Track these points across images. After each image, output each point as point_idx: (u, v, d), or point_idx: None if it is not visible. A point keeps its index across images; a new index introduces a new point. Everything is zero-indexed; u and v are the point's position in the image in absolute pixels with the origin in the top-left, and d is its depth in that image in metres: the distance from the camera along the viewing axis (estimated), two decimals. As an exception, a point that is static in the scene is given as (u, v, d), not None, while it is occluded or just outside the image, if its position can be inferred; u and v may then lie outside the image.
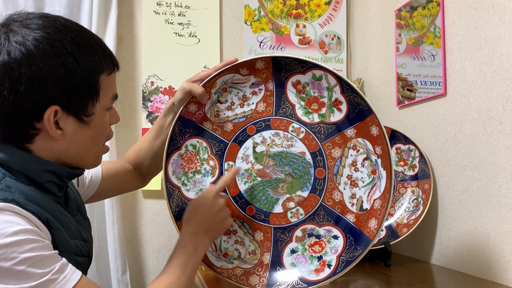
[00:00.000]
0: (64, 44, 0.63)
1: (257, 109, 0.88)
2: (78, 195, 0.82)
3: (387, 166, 0.80)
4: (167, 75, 1.63)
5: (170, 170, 0.86)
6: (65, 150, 0.68)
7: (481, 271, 1.06)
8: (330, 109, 0.85)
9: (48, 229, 0.62)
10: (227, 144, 0.88)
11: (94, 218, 1.52)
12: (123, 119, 1.57)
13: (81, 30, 0.67)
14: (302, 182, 0.86)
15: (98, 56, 0.67)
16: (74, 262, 0.67)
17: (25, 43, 0.61)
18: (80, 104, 0.66)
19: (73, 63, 0.63)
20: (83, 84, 0.65)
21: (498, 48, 1.03)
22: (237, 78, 0.87)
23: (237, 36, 1.71)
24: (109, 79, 0.70)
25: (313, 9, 1.76)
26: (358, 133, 0.84)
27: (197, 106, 0.87)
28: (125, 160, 0.99)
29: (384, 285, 1.05)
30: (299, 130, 0.86)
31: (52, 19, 0.65)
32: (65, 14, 1.48)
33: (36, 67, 0.61)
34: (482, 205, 1.07)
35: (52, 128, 0.64)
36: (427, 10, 1.29)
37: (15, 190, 0.61)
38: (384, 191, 0.81)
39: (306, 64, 0.84)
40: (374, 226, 0.81)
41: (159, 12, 1.64)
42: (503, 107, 1.01)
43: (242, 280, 0.84)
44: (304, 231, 0.86)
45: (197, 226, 0.77)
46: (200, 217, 0.77)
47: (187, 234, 0.76)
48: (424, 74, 1.31)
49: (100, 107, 0.69)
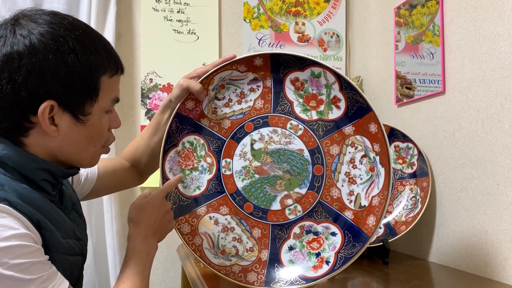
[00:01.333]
0: (67, 41, 0.63)
1: (255, 106, 0.88)
2: (73, 192, 0.81)
3: (385, 163, 0.80)
4: (166, 72, 1.63)
5: (167, 167, 0.86)
6: (59, 148, 0.67)
7: (479, 269, 1.06)
8: (329, 106, 0.85)
9: (39, 231, 0.61)
10: (225, 141, 0.88)
11: (93, 215, 1.52)
12: (121, 116, 1.56)
13: (88, 30, 0.67)
14: (300, 179, 0.86)
15: (101, 57, 0.67)
16: (67, 262, 0.66)
17: (30, 36, 0.62)
18: (77, 102, 0.65)
19: (74, 60, 0.63)
20: (82, 82, 0.65)
21: (497, 46, 1.03)
22: (235, 75, 0.87)
23: (236, 34, 1.71)
24: (111, 81, 0.69)
25: (312, 6, 1.75)
26: (356, 131, 0.84)
27: (194, 103, 0.87)
28: (122, 157, 0.99)
29: (382, 283, 1.05)
30: (297, 127, 0.86)
31: (61, 17, 0.66)
32: (63, 11, 1.47)
33: (36, 60, 0.61)
34: (480, 203, 1.07)
35: (46, 122, 0.63)
36: (426, 8, 1.29)
37: (8, 188, 0.60)
38: (382, 188, 0.81)
39: (305, 61, 0.83)
40: (372, 223, 0.81)
41: (158, 9, 1.64)
42: (502, 105, 1.01)
43: (240, 277, 0.84)
44: (302, 228, 0.86)
45: (147, 228, 0.77)
46: (150, 218, 0.77)
47: (137, 237, 0.76)
48: (423, 72, 1.31)
49: (98, 108, 0.68)
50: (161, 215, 0.79)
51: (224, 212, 0.87)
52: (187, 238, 0.85)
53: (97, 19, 1.50)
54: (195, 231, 0.86)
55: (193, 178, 0.88)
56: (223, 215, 0.87)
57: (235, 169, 0.87)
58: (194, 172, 0.88)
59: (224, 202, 0.87)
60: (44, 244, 0.62)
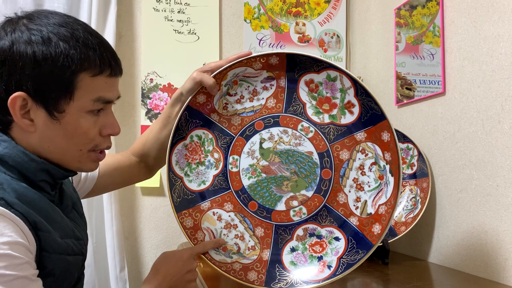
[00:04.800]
0: (42, 32, 0.62)
1: (267, 105, 0.87)
2: (74, 191, 0.81)
3: (395, 173, 0.79)
4: (166, 72, 1.63)
5: (174, 160, 0.86)
6: (40, 144, 0.66)
7: (479, 270, 1.06)
8: (342, 111, 0.84)
9: (34, 232, 0.61)
10: (234, 138, 0.87)
11: (93, 215, 1.52)
12: (122, 116, 1.57)
13: (76, 25, 0.65)
14: (307, 181, 0.85)
15: (82, 54, 0.64)
16: (65, 261, 0.66)
17: (14, 32, 0.62)
18: (50, 97, 0.64)
19: (45, 53, 0.62)
20: (52, 76, 0.63)
21: (497, 47, 1.03)
22: (249, 72, 0.86)
23: (236, 34, 1.71)
24: (93, 80, 0.66)
25: (313, 7, 1.75)
26: (368, 137, 0.83)
27: (205, 97, 0.86)
28: (130, 151, 0.97)
29: (382, 283, 1.05)
30: (308, 129, 0.86)
31: (59, 15, 0.66)
32: (64, 11, 1.48)
33: (10, 51, 0.61)
34: (480, 204, 1.07)
35: (17, 115, 0.63)
36: (427, 9, 1.30)
37: (7, 187, 0.60)
38: (390, 197, 0.80)
39: (322, 63, 0.83)
40: (377, 231, 0.80)
41: (159, 9, 1.64)
42: (502, 106, 1.01)
43: (240, 275, 0.84)
44: (305, 230, 0.85)
45: (164, 279, 0.76)
46: (170, 270, 0.77)
47: (150, 285, 0.75)
48: (423, 73, 1.31)
49: (75, 107, 0.65)
50: (183, 272, 0.78)
51: (228, 209, 0.87)
52: (190, 232, 0.85)
53: (98, 19, 1.50)
54: (197, 226, 0.86)
55: (199, 173, 0.87)
56: (227, 212, 0.87)
57: (242, 167, 0.87)
58: (200, 166, 0.88)
59: (228, 198, 0.87)
60: (40, 245, 0.62)
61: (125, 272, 1.49)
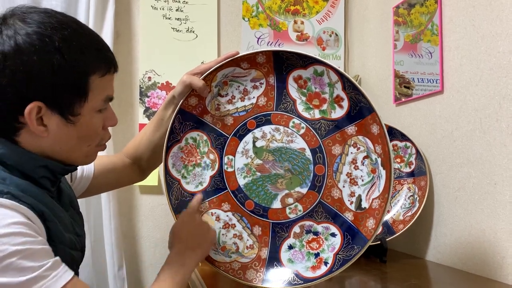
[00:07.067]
0: (54, 40, 0.62)
1: (258, 103, 0.88)
2: (70, 190, 0.81)
3: (386, 165, 0.80)
4: (165, 71, 1.63)
5: (170, 163, 0.86)
6: (51, 147, 0.67)
7: (476, 268, 1.07)
8: (331, 105, 0.85)
9: (43, 222, 0.62)
10: (227, 138, 0.88)
11: (91, 213, 1.52)
12: (120, 114, 1.57)
13: (77, 28, 0.66)
14: (301, 178, 0.86)
15: (90, 57, 0.65)
16: (69, 255, 0.67)
17: (15, 37, 0.61)
18: (65, 103, 0.64)
19: (60, 61, 0.62)
20: (69, 83, 0.63)
21: (495, 45, 1.03)
22: (238, 72, 0.87)
23: (234, 32, 1.71)
24: (102, 80, 0.67)
25: (311, 5, 1.75)
26: (359, 131, 0.83)
27: (197, 99, 0.87)
28: (124, 153, 0.98)
29: (380, 281, 1.05)
30: (300, 126, 0.86)
31: (50, 15, 0.64)
32: (62, 9, 1.47)
33: (21, 61, 0.60)
34: (477, 202, 1.08)
35: (33, 123, 0.63)
36: (425, 7, 1.30)
37: (10, 183, 0.61)
38: (383, 191, 0.80)
39: (308, 59, 0.83)
40: (371, 225, 0.80)
41: (157, 7, 1.63)
42: (500, 105, 1.01)
43: (239, 274, 0.84)
44: (302, 228, 0.86)
45: (181, 245, 0.78)
46: (182, 237, 0.79)
47: (171, 256, 0.78)
48: (421, 72, 1.31)
49: (88, 108, 0.67)
50: (192, 230, 0.80)
51: (225, 209, 0.88)
52: None
53: (96, 18, 1.49)
54: None
55: (196, 174, 0.88)
56: (225, 212, 0.87)
57: (237, 166, 0.88)
58: (197, 168, 0.88)
59: (225, 198, 0.88)
60: (49, 235, 0.62)
61: (123, 271, 1.49)
